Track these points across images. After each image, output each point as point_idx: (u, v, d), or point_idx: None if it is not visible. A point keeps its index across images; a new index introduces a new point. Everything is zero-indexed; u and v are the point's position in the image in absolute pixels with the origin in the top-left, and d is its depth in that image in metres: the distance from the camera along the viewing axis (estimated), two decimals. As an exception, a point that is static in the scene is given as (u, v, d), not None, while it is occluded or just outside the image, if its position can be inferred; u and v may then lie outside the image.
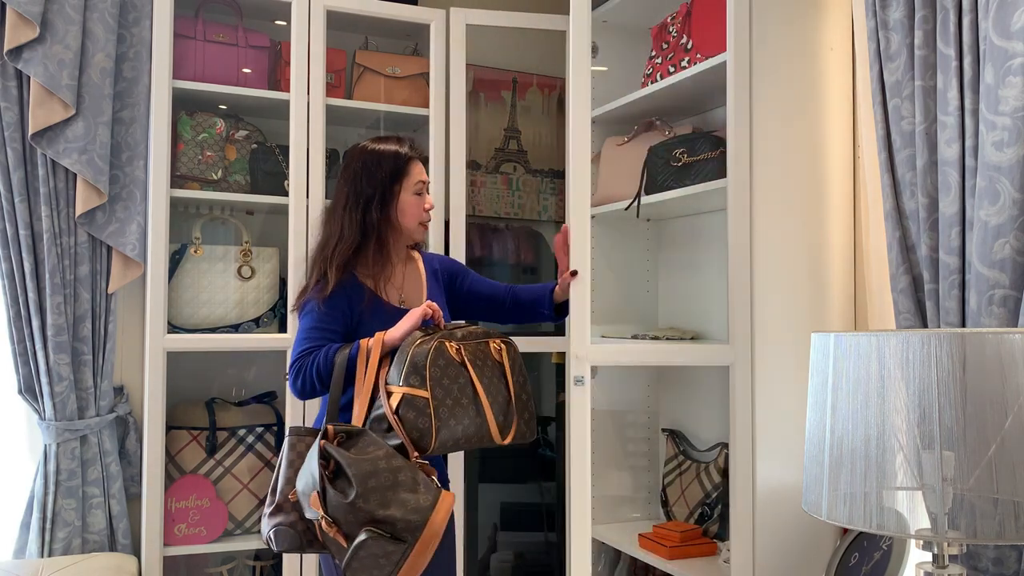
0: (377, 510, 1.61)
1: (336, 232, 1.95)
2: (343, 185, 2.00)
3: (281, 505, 1.74)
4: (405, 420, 1.72)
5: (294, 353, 1.88)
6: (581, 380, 2.00)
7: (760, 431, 2.13)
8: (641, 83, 2.62)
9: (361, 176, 1.97)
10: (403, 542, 1.60)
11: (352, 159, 2.02)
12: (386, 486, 1.63)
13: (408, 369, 1.76)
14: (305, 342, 1.88)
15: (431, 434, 1.73)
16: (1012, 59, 1.59)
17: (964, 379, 1.26)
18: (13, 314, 2.25)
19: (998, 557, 1.67)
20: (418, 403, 1.73)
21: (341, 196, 1.99)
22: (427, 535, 1.62)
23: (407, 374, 1.76)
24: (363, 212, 1.95)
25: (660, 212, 2.73)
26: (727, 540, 2.33)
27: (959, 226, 1.73)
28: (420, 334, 1.83)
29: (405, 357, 1.77)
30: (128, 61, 2.41)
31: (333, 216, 1.99)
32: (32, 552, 2.26)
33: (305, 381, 1.85)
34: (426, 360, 1.76)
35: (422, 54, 2.79)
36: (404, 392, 1.74)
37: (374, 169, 1.97)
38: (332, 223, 1.99)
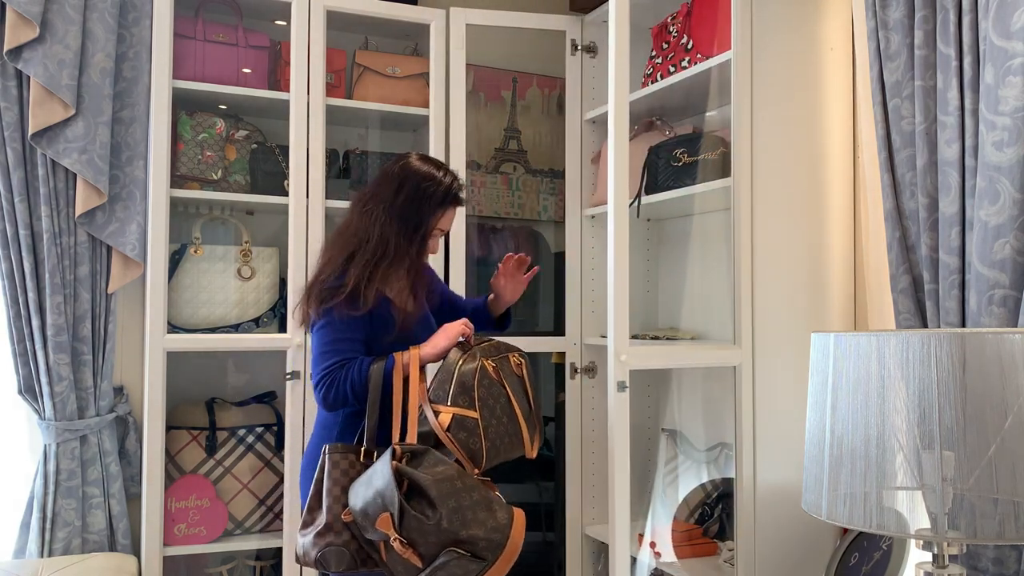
0: (460, 531, 1.61)
1: (373, 242, 1.87)
2: (392, 195, 1.91)
3: (331, 525, 1.71)
4: (457, 440, 1.74)
5: (323, 363, 1.82)
6: (625, 386, 1.97)
7: (760, 431, 2.13)
8: (641, 83, 2.62)
9: (412, 199, 1.91)
10: (483, 560, 1.61)
11: (407, 175, 1.94)
12: (465, 506, 1.63)
13: (456, 389, 1.77)
14: (335, 354, 1.82)
15: (482, 454, 1.75)
16: (1012, 59, 1.59)
17: (964, 379, 1.26)
18: (13, 314, 2.25)
19: (998, 557, 1.67)
20: (468, 423, 1.76)
21: (389, 206, 1.90)
22: (508, 552, 1.63)
23: (455, 394, 1.78)
24: (402, 235, 1.90)
25: (660, 212, 2.73)
26: (727, 540, 2.34)
27: (959, 226, 1.73)
28: (458, 352, 1.84)
29: (451, 377, 1.79)
30: (128, 61, 2.41)
31: (373, 220, 1.90)
32: (32, 552, 2.26)
33: (338, 393, 1.80)
34: (474, 381, 1.79)
35: (422, 54, 2.79)
36: (454, 412, 1.76)
37: (424, 197, 1.92)
38: (372, 226, 1.89)
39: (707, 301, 2.63)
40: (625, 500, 1.98)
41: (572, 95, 2.84)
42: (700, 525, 2.44)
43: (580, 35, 2.84)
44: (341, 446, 1.78)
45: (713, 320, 2.59)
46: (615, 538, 1.98)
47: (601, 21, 2.80)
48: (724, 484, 2.43)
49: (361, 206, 1.93)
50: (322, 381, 1.80)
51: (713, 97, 2.49)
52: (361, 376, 1.79)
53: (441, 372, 1.81)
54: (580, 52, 2.84)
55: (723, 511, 2.39)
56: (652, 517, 2.72)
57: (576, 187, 2.83)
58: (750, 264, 2.13)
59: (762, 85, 2.14)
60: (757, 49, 2.14)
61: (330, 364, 1.80)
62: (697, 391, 2.67)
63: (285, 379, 2.46)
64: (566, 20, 2.85)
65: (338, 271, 1.85)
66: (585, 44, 2.84)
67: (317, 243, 2.50)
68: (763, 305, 2.14)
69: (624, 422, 1.98)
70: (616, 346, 1.99)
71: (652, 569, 2.47)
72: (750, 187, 2.13)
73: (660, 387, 2.84)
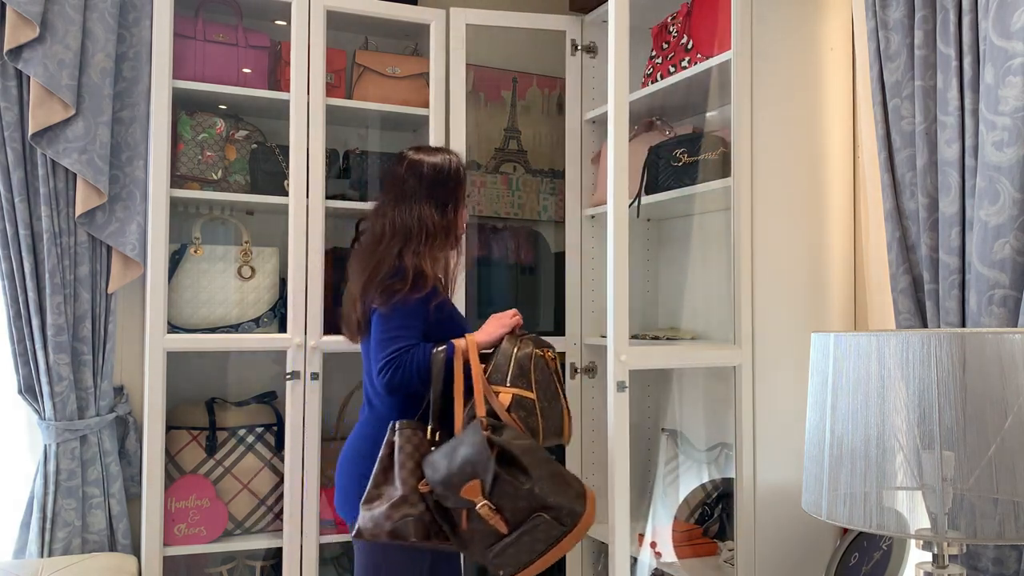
0: (548, 497, 1.74)
1: (416, 228, 2.00)
2: (416, 184, 2.04)
3: (406, 497, 1.80)
4: (518, 418, 1.88)
5: (388, 348, 1.90)
6: (624, 386, 2.00)
7: (760, 431, 2.13)
8: (641, 83, 2.62)
9: (435, 181, 2.05)
10: (564, 526, 1.76)
11: (418, 168, 2.07)
12: (553, 475, 1.77)
13: (515, 372, 1.92)
14: (399, 340, 1.91)
15: (540, 432, 1.90)
16: (1012, 59, 1.59)
17: (964, 379, 1.26)
18: (13, 314, 2.25)
19: (998, 557, 1.67)
20: (527, 403, 1.90)
21: (415, 194, 2.03)
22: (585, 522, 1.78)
23: (514, 376, 1.92)
24: (439, 214, 2.03)
25: (660, 212, 2.73)
26: (727, 540, 2.34)
27: (959, 226, 1.73)
28: (511, 338, 1.98)
29: (508, 361, 1.93)
30: (128, 61, 2.41)
31: (408, 214, 2.02)
32: (32, 552, 2.26)
33: (404, 376, 1.88)
34: (530, 364, 1.94)
35: (422, 54, 2.79)
36: (513, 393, 1.91)
37: (443, 176, 2.06)
38: (408, 219, 2.01)
39: (707, 301, 2.63)
40: (625, 500, 1.98)
41: (572, 95, 2.84)
42: (700, 525, 2.44)
43: (580, 35, 2.84)
44: (409, 423, 1.87)
45: (713, 320, 2.59)
46: (615, 538, 1.98)
47: (601, 21, 2.80)
48: (724, 484, 2.43)
49: (391, 209, 2.05)
50: (387, 365, 1.88)
51: (713, 97, 2.49)
52: (425, 360, 1.89)
53: (498, 356, 1.95)
54: (580, 52, 2.84)
55: (723, 511, 2.39)
56: (652, 517, 2.73)
57: (576, 187, 2.83)
58: (750, 264, 2.13)
59: (762, 85, 2.14)
60: (757, 49, 2.14)
61: (395, 349, 1.89)
62: (697, 391, 2.67)
63: (285, 379, 2.46)
64: (566, 20, 2.85)
65: (393, 265, 1.96)
66: (585, 44, 2.84)
67: (317, 243, 2.50)
68: (763, 305, 2.14)
69: (624, 422, 1.98)
70: (616, 346, 1.99)
71: (652, 569, 2.47)
72: (750, 187, 2.13)
73: (660, 387, 2.84)
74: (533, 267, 3.13)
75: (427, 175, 2.05)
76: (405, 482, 1.80)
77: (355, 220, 2.79)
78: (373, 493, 1.83)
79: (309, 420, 2.48)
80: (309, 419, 2.48)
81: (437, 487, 1.78)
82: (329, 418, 2.66)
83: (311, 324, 2.49)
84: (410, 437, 1.85)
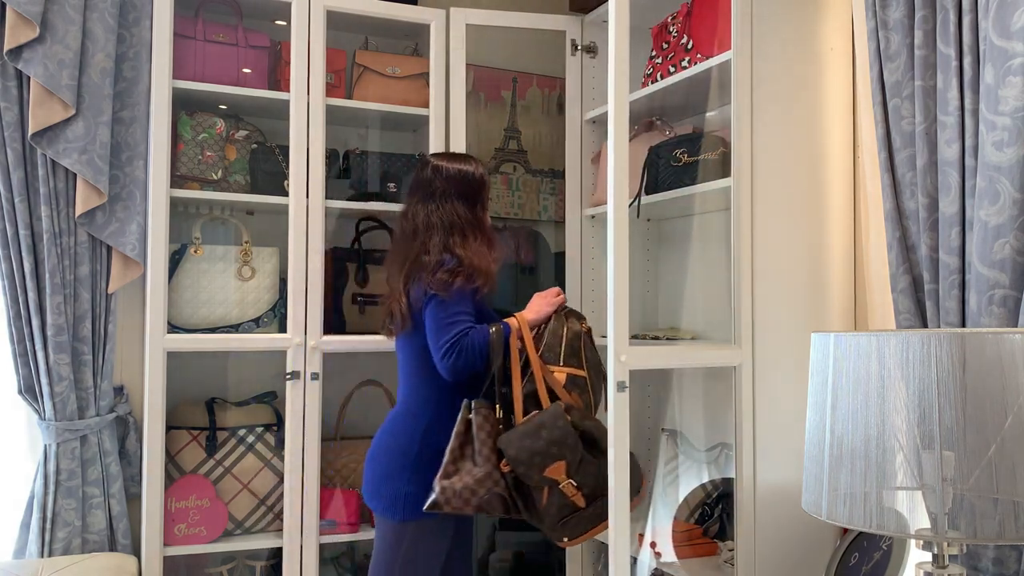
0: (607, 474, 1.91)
1: (458, 224, 2.12)
2: (445, 185, 2.16)
3: (490, 474, 1.95)
4: (575, 397, 2.03)
5: (448, 333, 1.99)
6: (624, 386, 1.99)
7: (760, 431, 2.13)
8: (641, 83, 2.62)
9: (460, 181, 2.18)
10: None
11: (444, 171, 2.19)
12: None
13: (567, 351, 2.06)
14: (458, 324, 2.00)
15: (592, 408, 2.06)
16: (1012, 59, 1.59)
17: (964, 379, 1.26)
18: (13, 314, 2.25)
19: (998, 557, 1.67)
20: (580, 382, 2.05)
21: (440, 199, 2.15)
22: (636, 501, 1.96)
23: (567, 355, 2.06)
24: (470, 212, 2.16)
25: (660, 212, 2.73)
26: (727, 540, 2.34)
27: (959, 226, 1.73)
28: (557, 316, 2.12)
29: (560, 340, 2.07)
30: (128, 61, 2.41)
31: (443, 212, 2.13)
32: (32, 552, 2.26)
33: (467, 359, 1.98)
34: (580, 342, 2.09)
35: (422, 54, 2.79)
36: (567, 372, 2.05)
37: (468, 178, 2.19)
38: (444, 217, 2.12)
39: (707, 301, 2.63)
40: (625, 500, 1.98)
41: (572, 95, 2.84)
42: (700, 525, 2.44)
43: (580, 35, 2.84)
44: (484, 403, 2.00)
45: (713, 320, 2.58)
46: (615, 538, 1.98)
47: (601, 21, 2.80)
48: (724, 484, 2.43)
49: (420, 208, 2.16)
50: (450, 349, 1.98)
51: (713, 97, 2.49)
52: (484, 340, 2.00)
53: (548, 336, 2.09)
54: (580, 52, 2.84)
55: (723, 511, 2.39)
56: (652, 517, 2.73)
57: (576, 187, 2.83)
58: (750, 264, 2.13)
59: (762, 85, 2.14)
60: (757, 49, 2.14)
61: (457, 332, 1.99)
62: (697, 391, 2.67)
63: (285, 379, 2.46)
64: (566, 20, 2.85)
65: (440, 257, 2.07)
66: (585, 44, 2.84)
67: (317, 243, 2.50)
68: (763, 305, 2.14)
69: (624, 422, 1.98)
70: (616, 346, 1.99)
71: (652, 569, 2.47)
72: (750, 187, 2.13)
73: (660, 387, 2.84)
74: (533, 267, 3.13)
75: (453, 176, 2.17)
76: (488, 459, 1.95)
77: (355, 220, 2.80)
78: (451, 468, 1.95)
79: (309, 420, 2.48)
80: (309, 419, 2.48)
81: (520, 467, 1.91)
82: (329, 418, 2.66)
83: (311, 324, 2.49)
84: (487, 416, 1.99)
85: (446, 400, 2.08)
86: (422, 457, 2.05)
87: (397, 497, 2.05)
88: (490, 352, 1.99)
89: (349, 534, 2.59)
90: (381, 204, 2.71)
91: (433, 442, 2.06)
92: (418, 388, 2.12)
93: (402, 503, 2.04)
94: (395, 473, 2.06)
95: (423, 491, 2.02)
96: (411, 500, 2.04)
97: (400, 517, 2.05)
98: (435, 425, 2.07)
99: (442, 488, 1.93)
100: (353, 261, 2.75)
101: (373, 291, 2.74)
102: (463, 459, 1.97)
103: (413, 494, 2.04)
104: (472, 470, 1.94)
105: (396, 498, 2.05)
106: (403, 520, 2.05)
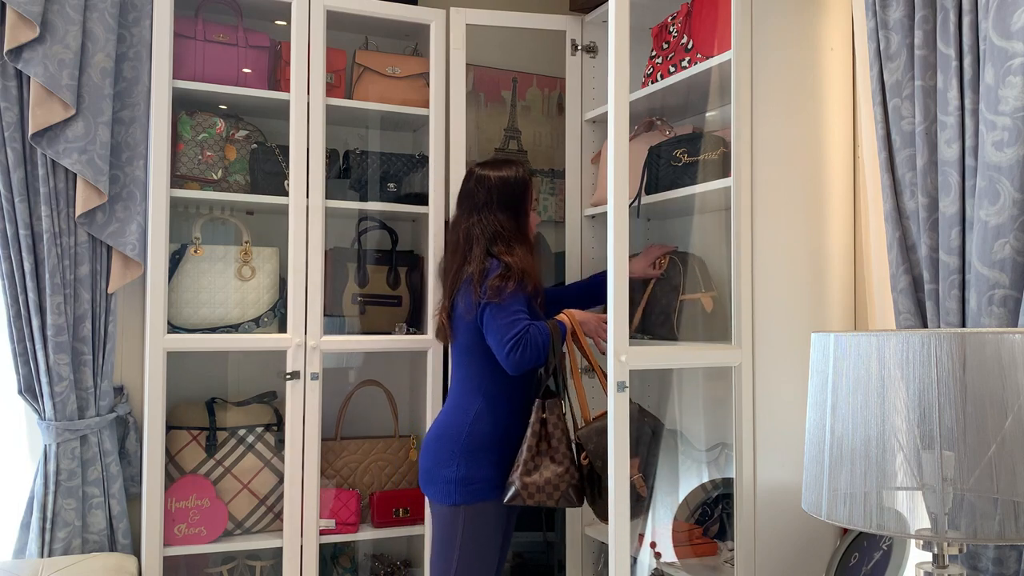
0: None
1: (502, 233, 2.24)
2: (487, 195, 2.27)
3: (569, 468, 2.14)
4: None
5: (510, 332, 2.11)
6: (625, 386, 2.01)
7: (760, 431, 2.13)
8: (641, 83, 2.62)
9: (503, 190, 2.28)
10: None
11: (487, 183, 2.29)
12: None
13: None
14: (518, 323, 2.12)
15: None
16: (1012, 59, 1.59)
17: (964, 379, 1.26)
18: (13, 314, 2.25)
19: (998, 557, 1.67)
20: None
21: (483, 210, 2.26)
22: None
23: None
24: (513, 220, 2.28)
25: (660, 212, 2.73)
26: (727, 540, 2.33)
27: (959, 226, 1.73)
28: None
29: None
30: (128, 61, 2.41)
31: (486, 221, 2.25)
32: (32, 552, 2.26)
33: (530, 354, 2.11)
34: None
35: (422, 54, 2.79)
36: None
37: (511, 187, 2.29)
38: (487, 227, 2.24)
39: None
40: (625, 500, 1.98)
41: (572, 95, 2.84)
42: (700, 525, 2.44)
43: (580, 35, 2.84)
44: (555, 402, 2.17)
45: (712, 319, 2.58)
46: (615, 538, 1.98)
47: (601, 21, 2.80)
48: (724, 484, 2.43)
49: (465, 220, 2.29)
50: (515, 346, 2.11)
51: (713, 97, 2.48)
52: (545, 335, 2.15)
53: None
54: (580, 52, 2.84)
55: (723, 511, 2.39)
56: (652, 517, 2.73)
57: (576, 187, 2.83)
58: (750, 264, 2.13)
59: (762, 85, 2.14)
60: (757, 49, 2.14)
61: (519, 330, 2.11)
62: (697, 391, 2.67)
63: (285, 379, 2.46)
64: (566, 20, 2.84)
65: (484, 265, 2.19)
66: (585, 44, 2.84)
67: (317, 243, 2.50)
68: (763, 305, 2.14)
69: (624, 422, 1.98)
70: (616, 346, 1.99)
71: (652, 569, 2.47)
72: (750, 187, 2.13)
73: (660, 387, 2.84)
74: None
75: (495, 185, 2.27)
76: (566, 456, 2.13)
77: (355, 220, 2.80)
78: (531, 465, 2.12)
79: (309, 420, 2.48)
80: (309, 419, 2.48)
81: (599, 460, 2.12)
82: (329, 418, 2.66)
83: (311, 324, 2.50)
84: (560, 415, 2.16)
85: (491, 393, 2.22)
86: (470, 444, 2.18)
87: (449, 482, 2.16)
88: (552, 346, 2.16)
89: (349, 534, 2.59)
90: (381, 204, 2.71)
91: (479, 431, 2.20)
92: (465, 383, 2.26)
93: (454, 488, 2.16)
94: (445, 460, 2.18)
95: (474, 475, 2.17)
96: (462, 485, 2.16)
97: (452, 501, 2.16)
98: (482, 415, 2.21)
99: (524, 484, 2.10)
100: (353, 261, 2.75)
101: (373, 291, 2.74)
102: (540, 455, 2.13)
103: (464, 478, 2.16)
104: (552, 467, 2.12)
105: (448, 483, 2.17)
106: (455, 504, 2.16)
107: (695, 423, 2.67)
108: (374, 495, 2.64)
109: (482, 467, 2.18)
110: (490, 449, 2.19)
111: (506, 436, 2.21)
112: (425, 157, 2.74)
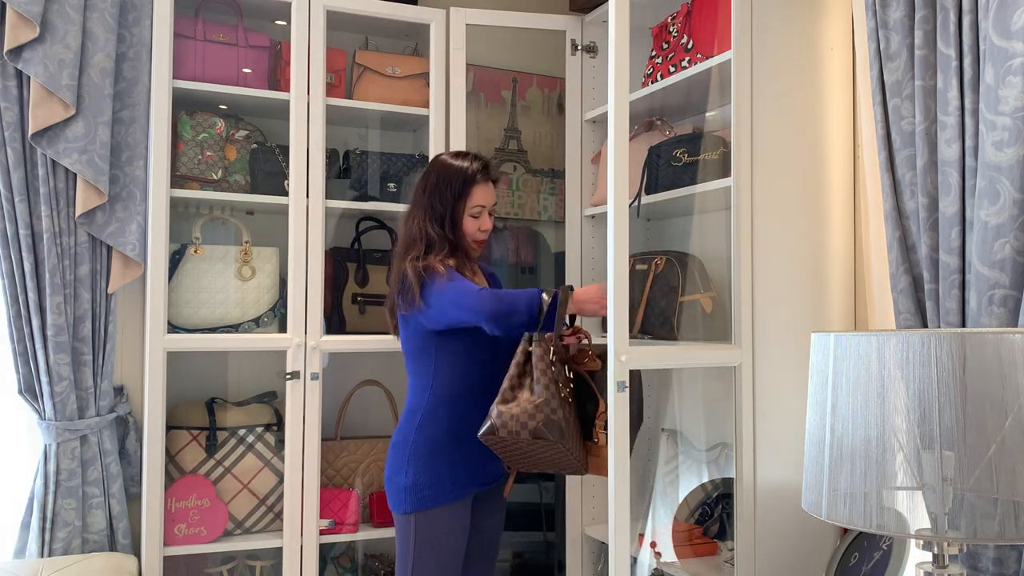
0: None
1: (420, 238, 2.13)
2: (421, 193, 2.18)
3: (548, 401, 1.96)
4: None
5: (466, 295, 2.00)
6: (624, 386, 2.00)
7: (760, 431, 2.13)
8: (641, 83, 2.62)
9: (435, 191, 2.15)
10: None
11: (430, 170, 2.20)
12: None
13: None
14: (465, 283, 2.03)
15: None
16: (1012, 59, 1.59)
17: (964, 379, 1.26)
18: (13, 314, 2.25)
19: (998, 557, 1.67)
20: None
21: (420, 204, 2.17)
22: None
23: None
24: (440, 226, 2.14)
25: (660, 212, 2.73)
26: (727, 540, 2.34)
27: (959, 226, 1.73)
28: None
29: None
30: (128, 61, 2.41)
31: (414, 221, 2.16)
32: (32, 552, 2.26)
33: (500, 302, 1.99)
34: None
35: (422, 54, 2.79)
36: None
37: (444, 187, 2.15)
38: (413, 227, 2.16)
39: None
40: (625, 500, 1.98)
41: (572, 95, 2.84)
42: (700, 525, 2.44)
43: (580, 35, 2.84)
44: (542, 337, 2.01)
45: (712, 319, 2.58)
46: (615, 538, 1.98)
47: (601, 21, 2.80)
48: (724, 484, 2.43)
49: (406, 215, 2.20)
50: (480, 301, 1.98)
51: (713, 97, 2.48)
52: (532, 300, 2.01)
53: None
54: (580, 52, 2.84)
55: (723, 511, 2.39)
56: (652, 517, 2.72)
57: (576, 187, 2.83)
58: (750, 264, 2.13)
59: (762, 85, 2.14)
60: (757, 49, 2.14)
61: (473, 289, 2.01)
62: (697, 391, 2.67)
63: (285, 379, 2.46)
64: (566, 20, 2.84)
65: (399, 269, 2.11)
66: (585, 44, 2.84)
67: (317, 243, 2.50)
68: (763, 305, 2.14)
69: (624, 422, 1.98)
70: (616, 346, 1.99)
71: (652, 569, 2.47)
72: (750, 187, 2.13)
73: (660, 387, 2.84)
74: (533, 267, 3.13)
75: (431, 183, 2.16)
76: (547, 388, 1.96)
77: (355, 220, 2.80)
78: (508, 395, 1.98)
79: (309, 420, 2.48)
80: (309, 419, 2.48)
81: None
82: (329, 418, 2.66)
83: (311, 324, 2.49)
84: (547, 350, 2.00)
85: (440, 394, 2.12)
86: (417, 451, 2.09)
87: (400, 490, 2.09)
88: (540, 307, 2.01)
89: (349, 534, 2.59)
90: (381, 204, 2.71)
91: (426, 436, 2.10)
92: (413, 387, 2.18)
93: (404, 495, 2.08)
94: (397, 468, 2.11)
95: (423, 482, 2.07)
96: (411, 492, 2.08)
97: (404, 509, 2.09)
98: (428, 419, 2.11)
99: (499, 412, 1.96)
100: (353, 261, 2.75)
101: (373, 291, 2.74)
102: (520, 388, 2.00)
103: (413, 485, 2.08)
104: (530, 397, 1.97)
105: (400, 491, 2.09)
106: (406, 512, 2.09)
107: (695, 423, 2.67)
108: (374, 495, 2.64)
109: (439, 468, 2.08)
110: (446, 449, 2.09)
111: (463, 433, 2.08)
112: (425, 157, 2.74)
